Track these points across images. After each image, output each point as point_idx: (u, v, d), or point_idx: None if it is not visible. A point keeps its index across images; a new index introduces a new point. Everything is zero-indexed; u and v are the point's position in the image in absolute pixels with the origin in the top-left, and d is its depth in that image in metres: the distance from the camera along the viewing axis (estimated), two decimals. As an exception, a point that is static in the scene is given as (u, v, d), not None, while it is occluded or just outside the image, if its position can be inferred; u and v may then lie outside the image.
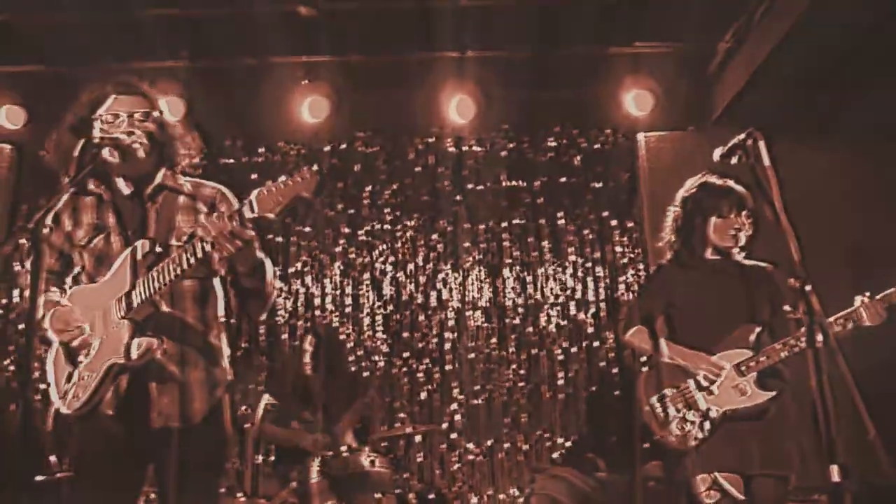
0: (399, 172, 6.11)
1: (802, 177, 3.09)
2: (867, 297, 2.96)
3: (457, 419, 5.67)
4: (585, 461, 5.15)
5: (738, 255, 3.28)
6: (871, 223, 5.20)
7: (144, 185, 2.47)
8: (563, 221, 6.01)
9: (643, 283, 3.47)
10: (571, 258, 5.95)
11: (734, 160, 2.25)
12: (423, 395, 5.72)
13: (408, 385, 5.74)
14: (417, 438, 5.53)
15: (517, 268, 5.96)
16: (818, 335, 1.87)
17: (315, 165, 2.19)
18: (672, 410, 3.14)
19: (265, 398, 4.66)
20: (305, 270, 5.95)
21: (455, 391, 5.72)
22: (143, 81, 2.58)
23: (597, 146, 6.12)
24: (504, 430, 5.65)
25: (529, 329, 5.83)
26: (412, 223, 6.03)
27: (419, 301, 5.90)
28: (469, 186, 6.09)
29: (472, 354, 5.79)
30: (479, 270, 5.96)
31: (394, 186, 6.09)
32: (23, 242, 2.07)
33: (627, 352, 5.67)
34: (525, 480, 5.45)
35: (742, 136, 2.21)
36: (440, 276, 5.95)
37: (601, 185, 6.06)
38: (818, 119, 5.31)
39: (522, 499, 5.41)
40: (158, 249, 2.34)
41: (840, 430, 1.75)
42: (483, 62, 5.55)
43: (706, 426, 3.06)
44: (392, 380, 5.74)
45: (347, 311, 5.88)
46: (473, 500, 5.54)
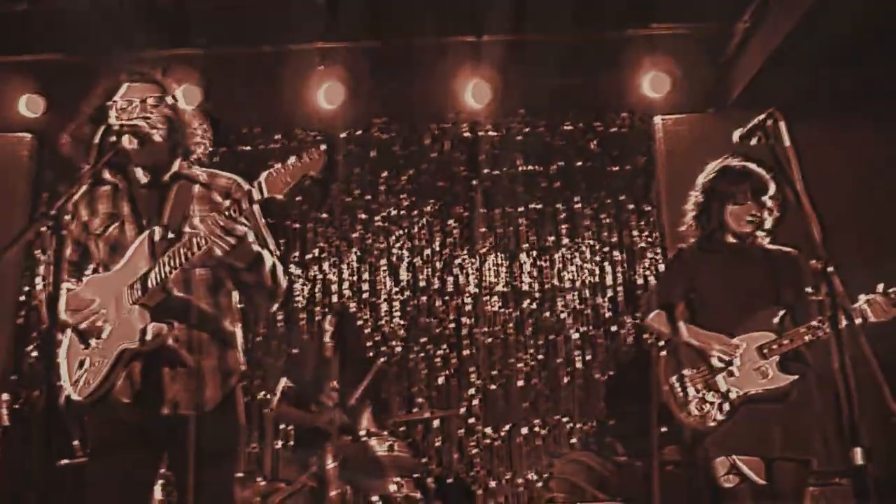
0: (415, 158, 6.11)
1: (822, 159, 3.06)
2: (873, 295, 2.93)
3: (474, 404, 5.69)
4: (604, 445, 5.16)
5: (764, 240, 3.26)
6: (894, 205, 5.14)
7: (160, 175, 2.49)
8: (580, 206, 5.98)
9: (664, 268, 3.45)
10: (588, 242, 5.92)
11: (754, 141, 2.22)
12: (441, 381, 5.73)
13: (425, 370, 5.76)
14: (435, 423, 5.56)
15: (534, 253, 5.94)
16: (841, 317, 1.86)
17: (323, 146, 2.19)
18: (692, 391, 3.13)
19: (283, 381, 4.69)
20: (323, 256, 5.97)
21: (472, 376, 5.73)
22: (158, 69, 2.59)
23: (613, 130, 6.08)
24: (522, 415, 5.66)
25: (546, 314, 5.82)
26: (428, 209, 6.03)
27: (436, 286, 5.91)
28: (485, 171, 6.07)
29: (490, 339, 5.80)
30: (496, 255, 5.95)
31: (410, 172, 6.09)
32: (44, 230, 2.09)
33: (645, 336, 5.66)
34: (543, 465, 5.47)
35: (762, 117, 2.18)
36: (457, 262, 5.95)
37: (618, 169, 6.02)
38: (838, 100, 5.25)
39: (541, 483, 5.43)
40: (171, 236, 2.36)
41: (863, 413, 1.74)
42: (498, 46, 5.52)
43: (725, 407, 3.04)
44: (409, 365, 5.76)
45: (364, 297, 5.91)
46: (492, 485, 5.55)
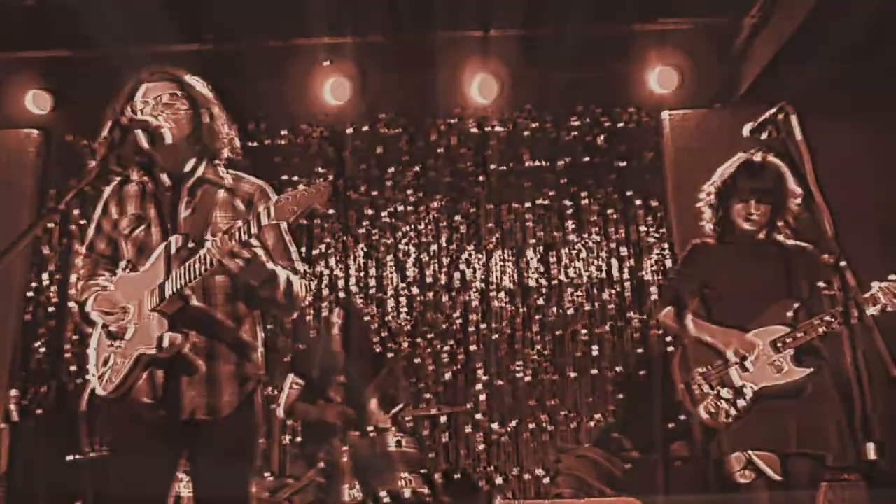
0: (422, 153, 6.10)
1: (832, 154, 3.03)
2: (886, 283, 2.91)
3: (481, 400, 5.69)
4: (611, 441, 5.15)
5: (781, 234, 3.25)
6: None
7: (185, 178, 2.50)
8: (587, 201, 5.97)
9: (679, 262, 3.43)
10: (595, 238, 5.91)
11: (765, 135, 2.21)
12: (448, 376, 5.73)
13: (432, 366, 5.76)
14: (443, 419, 5.56)
15: (541, 248, 5.94)
16: (853, 311, 1.85)
17: (330, 177, 2.23)
18: (706, 388, 3.11)
19: (290, 377, 4.69)
20: (329, 252, 5.97)
21: (479, 372, 5.73)
22: (182, 69, 2.60)
23: (620, 125, 6.06)
24: (529, 411, 5.65)
25: (553, 309, 5.82)
26: (435, 204, 6.02)
27: (443, 282, 5.90)
28: (492, 167, 6.07)
29: (496, 335, 5.80)
30: (503, 251, 5.94)
31: (416, 168, 6.08)
32: (51, 226, 2.10)
33: (653, 332, 5.65)
34: (550, 461, 5.47)
35: (773, 111, 2.17)
36: (464, 257, 5.94)
37: (625, 165, 6.01)
38: (847, 95, 5.22)
39: (548, 479, 5.42)
40: (191, 245, 2.38)
41: (876, 407, 1.73)
42: (505, 41, 5.51)
43: (740, 403, 3.03)
44: (416, 361, 5.76)
45: (371, 293, 5.91)
46: (499, 480, 5.55)
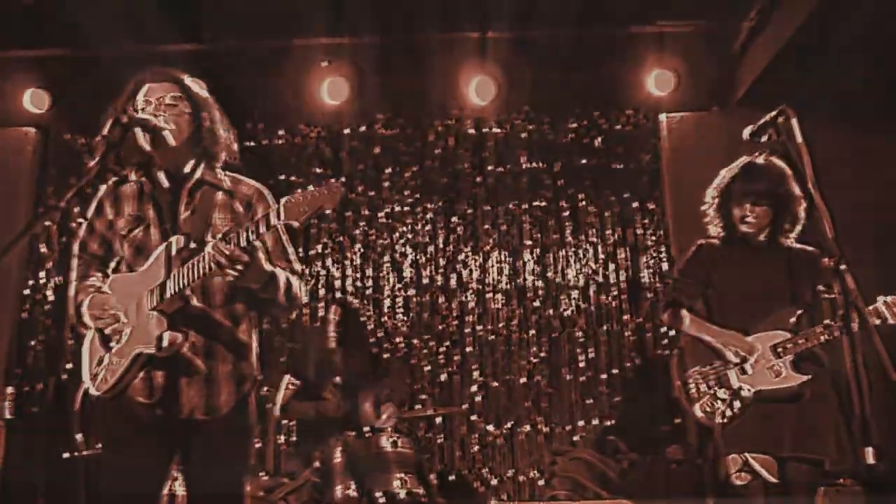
0: (419, 154, 6.10)
1: (830, 158, 3.04)
2: (892, 297, 2.92)
3: (477, 401, 5.69)
4: (607, 443, 5.16)
5: (787, 238, 3.25)
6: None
7: (184, 180, 2.50)
8: (584, 203, 5.98)
9: (683, 262, 3.42)
10: (592, 240, 5.92)
11: (764, 138, 2.22)
12: (444, 377, 5.73)
13: (428, 367, 5.76)
14: (438, 420, 5.55)
15: (537, 250, 5.94)
16: (853, 315, 1.85)
17: (342, 179, 2.21)
18: (703, 387, 3.12)
19: (286, 377, 4.69)
20: (326, 253, 5.96)
21: (475, 373, 5.73)
22: (183, 72, 2.59)
23: (618, 127, 6.07)
24: (524, 413, 5.65)
25: (550, 311, 5.82)
26: (432, 205, 6.02)
27: (439, 283, 5.90)
28: (489, 168, 6.07)
29: (493, 336, 5.79)
30: (500, 253, 5.95)
31: (414, 169, 6.08)
32: (48, 224, 2.09)
33: (649, 334, 5.66)
34: (546, 463, 5.47)
35: (773, 114, 2.17)
36: (460, 259, 5.94)
37: (622, 167, 6.02)
38: (846, 99, 5.23)
39: (543, 481, 5.42)
40: (193, 245, 2.37)
41: (874, 412, 1.73)
42: (503, 43, 5.51)
43: (736, 405, 3.04)
44: (412, 361, 5.76)
45: (368, 294, 5.90)
46: (494, 482, 5.55)
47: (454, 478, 5.40)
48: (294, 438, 5.31)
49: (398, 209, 6.02)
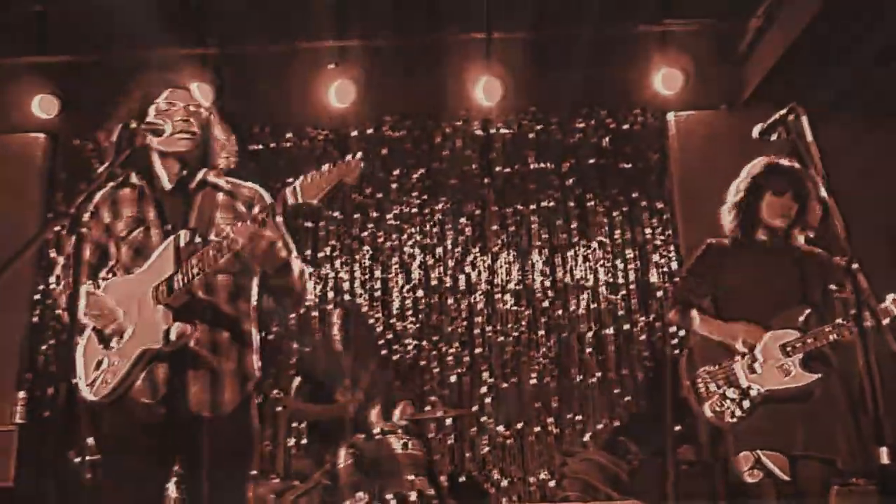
0: (426, 156, 6.10)
1: (840, 157, 3.00)
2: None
3: (487, 402, 5.68)
4: (617, 444, 5.14)
5: (798, 239, 3.22)
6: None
7: (185, 182, 2.50)
8: (593, 203, 5.97)
9: (692, 261, 3.38)
10: (601, 240, 5.90)
11: (774, 137, 2.20)
12: (453, 379, 5.72)
13: (437, 368, 5.75)
14: (448, 421, 5.55)
15: (546, 251, 5.93)
16: (866, 314, 1.84)
17: (360, 153, 2.20)
18: (712, 387, 3.10)
19: (296, 380, 4.70)
20: (334, 255, 5.97)
21: (485, 374, 5.72)
22: (188, 80, 2.61)
23: (626, 127, 6.06)
24: (534, 414, 5.64)
25: (559, 312, 5.81)
26: (440, 207, 6.02)
27: (448, 284, 5.90)
28: (497, 169, 6.07)
29: (502, 337, 5.79)
30: (508, 254, 5.94)
31: (421, 170, 6.08)
32: (58, 230, 2.10)
33: (659, 334, 5.64)
34: (556, 464, 5.46)
35: (783, 112, 2.15)
36: (469, 260, 5.94)
37: (631, 167, 6.01)
38: (855, 97, 5.20)
39: (553, 482, 5.41)
40: (198, 240, 2.38)
41: (888, 412, 1.72)
42: (510, 43, 5.51)
43: (745, 404, 3.02)
44: (421, 363, 5.76)
45: (377, 295, 5.90)
46: (504, 484, 5.54)
47: (464, 479, 5.39)
48: (304, 441, 5.31)
49: (406, 211, 6.02)
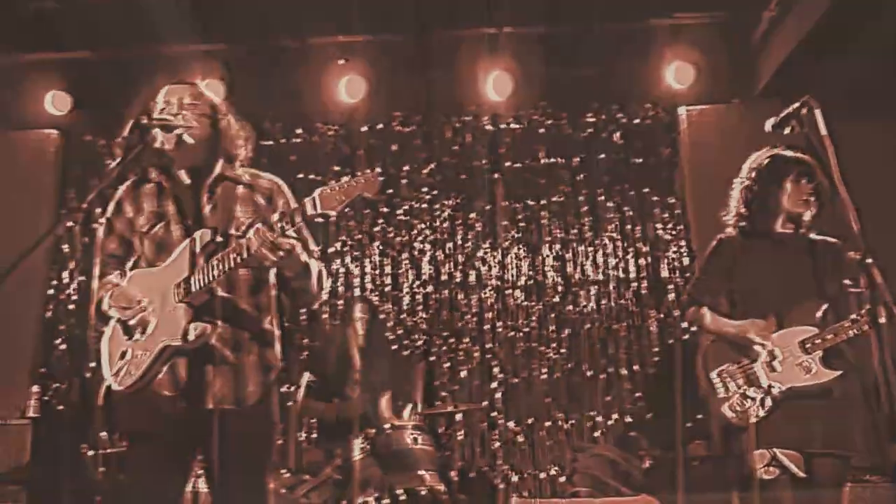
0: (436, 151, 6.10)
1: (854, 152, 2.96)
2: None
3: (497, 398, 5.67)
4: (629, 440, 5.13)
5: (809, 231, 3.17)
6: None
7: (204, 176, 2.53)
8: (603, 198, 5.95)
9: (704, 257, 3.33)
10: (612, 235, 5.88)
11: (787, 130, 2.18)
12: (464, 374, 5.72)
13: (448, 364, 5.75)
14: (458, 417, 5.55)
15: (556, 246, 5.91)
16: (881, 310, 1.82)
17: (378, 169, 2.24)
18: (732, 386, 3.06)
19: (307, 375, 4.70)
20: (345, 250, 5.98)
21: (495, 370, 5.71)
22: (198, 76, 2.63)
23: (637, 121, 6.03)
24: (545, 409, 5.63)
25: (570, 307, 5.79)
26: (450, 202, 6.02)
27: (458, 280, 5.89)
28: (507, 164, 6.05)
29: (512, 333, 5.78)
30: (518, 249, 5.93)
31: (431, 165, 6.08)
32: (71, 226, 2.12)
33: (670, 330, 5.62)
34: (567, 459, 5.45)
35: (796, 105, 2.13)
36: (479, 255, 5.93)
37: (642, 161, 5.98)
38: (870, 90, 5.15)
39: (564, 477, 5.40)
40: (219, 239, 2.40)
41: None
42: (520, 38, 5.50)
43: (767, 403, 2.98)
44: (432, 359, 5.76)
45: (387, 291, 5.91)
46: (514, 479, 5.54)
47: (475, 475, 5.39)
48: (315, 435, 5.32)
49: (416, 206, 6.02)
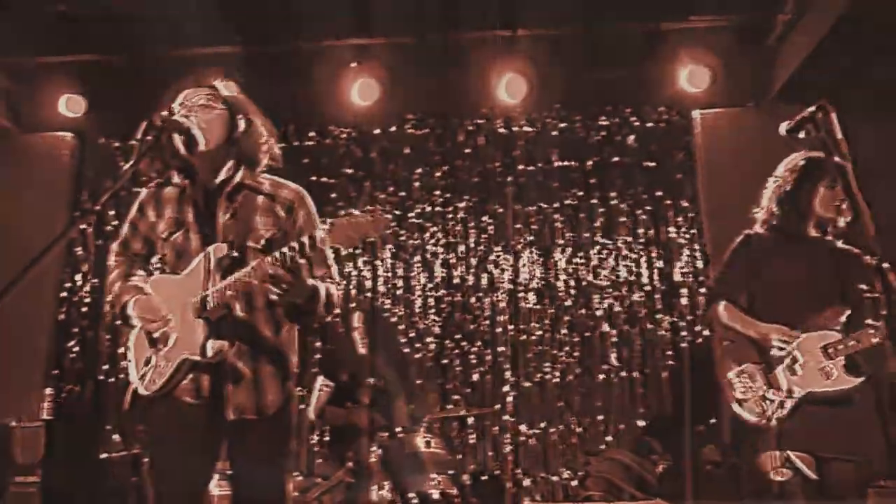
0: (449, 154, 6.10)
1: (869, 157, 2.92)
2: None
3: (509, 401, 5.65)
4: (641, 444, 5.10)
5: (836, 238, 3.13)
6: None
7: (224, 183, 2.50)
8: (617, 201, 5.92)
9: (729, 253, 3.28)
10: (625, 239, 5.86)
11: (802, 134, 2.16)
12: (476, 378, 5.71)
13: (460, 367, 5.74)
14: (471, 420, 5.54)
15: (569, 249, 5.89)
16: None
17: (388, 215, 2.24)
18: (752, 387, 3.03)
19: (319, 380, 4.71)
20: (357, 253, 5.98)
21: (507, 373, 5.70)
22: (215, 77, 2.61)
23: (650, 125, 6.01)
24: (557, 413, 5.61)
25: (582, 311, 5.77)
26: (463, 205, 6.01)
27: (471, 283, 5.89)
28: (520, 167, 6.04)
29: (524, 336, 5.76)
30: (531, 252, 5.91)
31: (444, 168, 6.08)
32: (84, 228, 2.13)
33: (683, 333, 5.59)
34: (579, 463, 5.43)
35: (812, 109, 2.11)
36: (491, 258, 5.92)
37: (655, 165, 5.96)
38: (885, 92, 5.10)
39: (577, 481, 5.38)
40: (234, 254, 2.40)
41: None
42: (534, 41, 5.49)
43: (786, 405, 2.96)
44: (444, 362, 5.75)
45: (399, 294, 5.91)
46: (527, 483, 5.52)
47: (487, 478, 5.37)
48: (328, 439, 5.33)
49: (429, 209, 6.02)
